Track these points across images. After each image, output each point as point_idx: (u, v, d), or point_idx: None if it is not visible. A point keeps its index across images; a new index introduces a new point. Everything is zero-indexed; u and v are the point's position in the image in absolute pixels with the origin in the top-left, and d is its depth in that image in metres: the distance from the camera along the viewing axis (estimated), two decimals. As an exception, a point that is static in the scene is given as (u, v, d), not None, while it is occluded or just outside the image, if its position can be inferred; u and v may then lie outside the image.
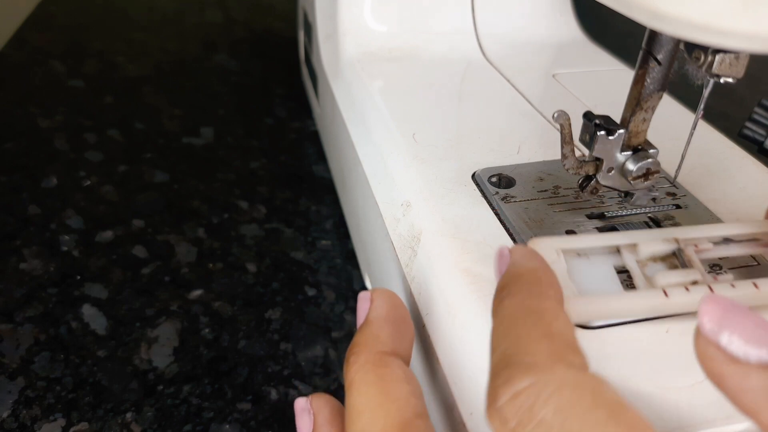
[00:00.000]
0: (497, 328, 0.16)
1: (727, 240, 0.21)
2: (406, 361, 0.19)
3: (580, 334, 0.19)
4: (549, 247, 0.20)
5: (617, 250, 0.21)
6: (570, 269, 0.20)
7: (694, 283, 0.19)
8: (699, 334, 0.13)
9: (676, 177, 0.24)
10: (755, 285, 0.18)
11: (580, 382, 0.13)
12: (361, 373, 0.18)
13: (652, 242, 0.20)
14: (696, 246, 0.20)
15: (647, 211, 0.25)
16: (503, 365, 0.14)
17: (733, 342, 0.13)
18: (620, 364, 0.18)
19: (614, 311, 0.19)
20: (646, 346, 0.19)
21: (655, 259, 0.20)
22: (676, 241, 0.20)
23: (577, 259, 0.21)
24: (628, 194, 0.24)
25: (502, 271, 0.18)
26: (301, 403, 0.20)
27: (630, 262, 0.20)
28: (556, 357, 0.14)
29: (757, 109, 0.25)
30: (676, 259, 0.20)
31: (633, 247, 0.21)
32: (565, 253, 0.20)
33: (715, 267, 0.22)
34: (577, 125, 0.23)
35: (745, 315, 0.13)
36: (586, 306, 0.18)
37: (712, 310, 0.13)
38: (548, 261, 0.18)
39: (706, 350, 0.13)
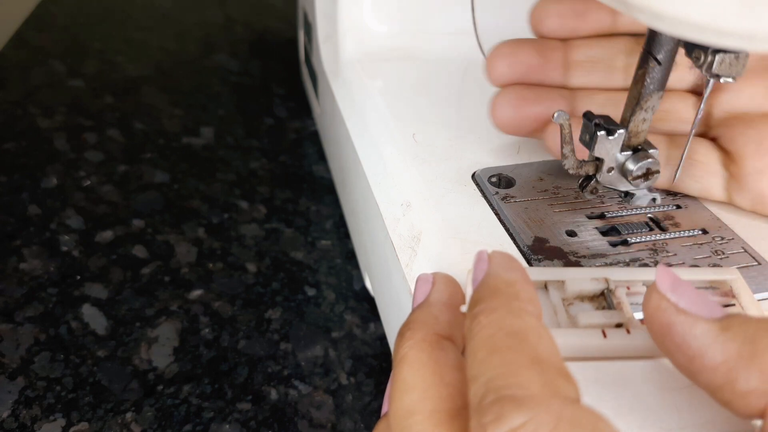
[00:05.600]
0: (476, 352, 0.14)
1: None
2: (461, 352, 0.18)
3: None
4: None
5: (545, 286, 0.20)
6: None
7: (618, 326, 0.18)
8: (653, 291, 0.16)
9: (676, 177, 0.24)
10: None
11: (579, 418, 0.12)
12: (415, 350, 0.17)
13: (579, 281, 0.19)
14: (628, 288, 0.20)
15: (647, 211, 0.25)
16: (492, 399, 0.13)
17: (681, 300, 0.15)
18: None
19: None
20: None
21: (582, 298, 0.20)
22: (606, 281, 0.19)
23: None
24: (628, 194, 0.24)
25: (479, 279, 0.17)
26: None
27: (555, 299, 0.20)
28: (549, 388, 0.13)
29: (757, 109, 0.25)
30: (604, 300, 0.19)
31: (561, 284, 0.20)
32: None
33: None
34: (577, 125, 0.23)
35: (688, 284, 0.16)
36: None
37: (666, 274, 0.16)
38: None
39: (659, 303, 0.16)
